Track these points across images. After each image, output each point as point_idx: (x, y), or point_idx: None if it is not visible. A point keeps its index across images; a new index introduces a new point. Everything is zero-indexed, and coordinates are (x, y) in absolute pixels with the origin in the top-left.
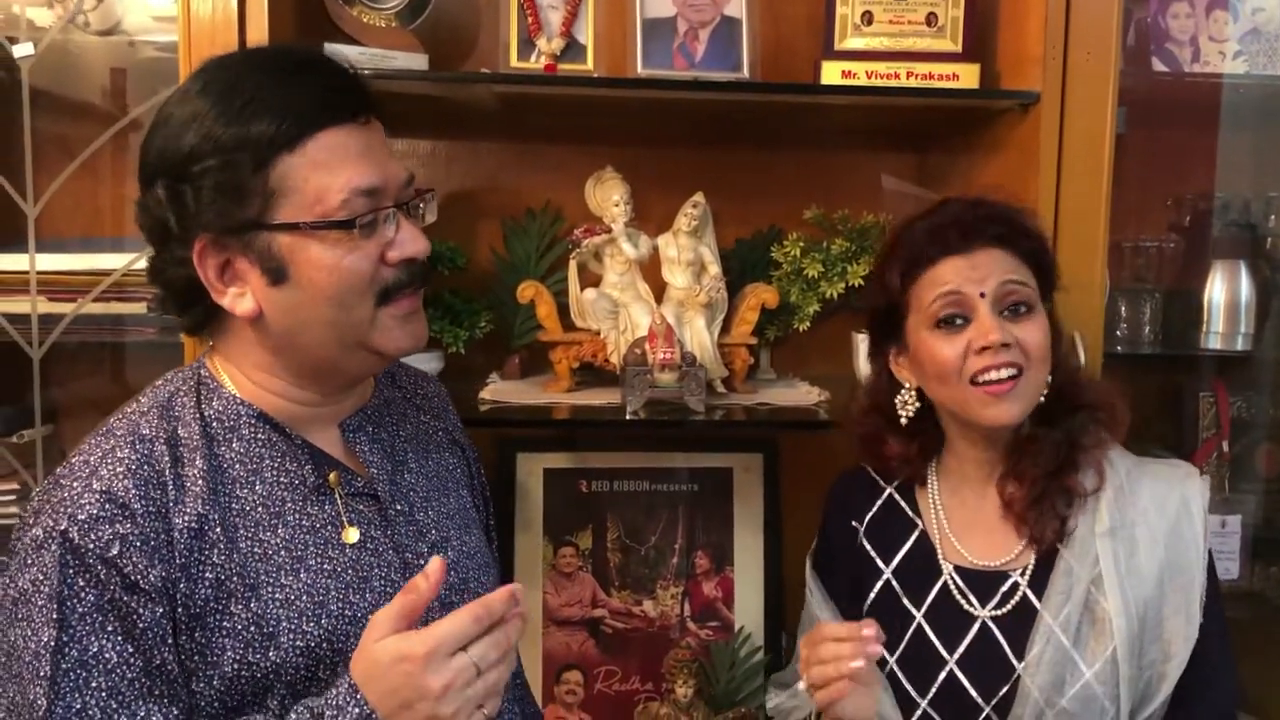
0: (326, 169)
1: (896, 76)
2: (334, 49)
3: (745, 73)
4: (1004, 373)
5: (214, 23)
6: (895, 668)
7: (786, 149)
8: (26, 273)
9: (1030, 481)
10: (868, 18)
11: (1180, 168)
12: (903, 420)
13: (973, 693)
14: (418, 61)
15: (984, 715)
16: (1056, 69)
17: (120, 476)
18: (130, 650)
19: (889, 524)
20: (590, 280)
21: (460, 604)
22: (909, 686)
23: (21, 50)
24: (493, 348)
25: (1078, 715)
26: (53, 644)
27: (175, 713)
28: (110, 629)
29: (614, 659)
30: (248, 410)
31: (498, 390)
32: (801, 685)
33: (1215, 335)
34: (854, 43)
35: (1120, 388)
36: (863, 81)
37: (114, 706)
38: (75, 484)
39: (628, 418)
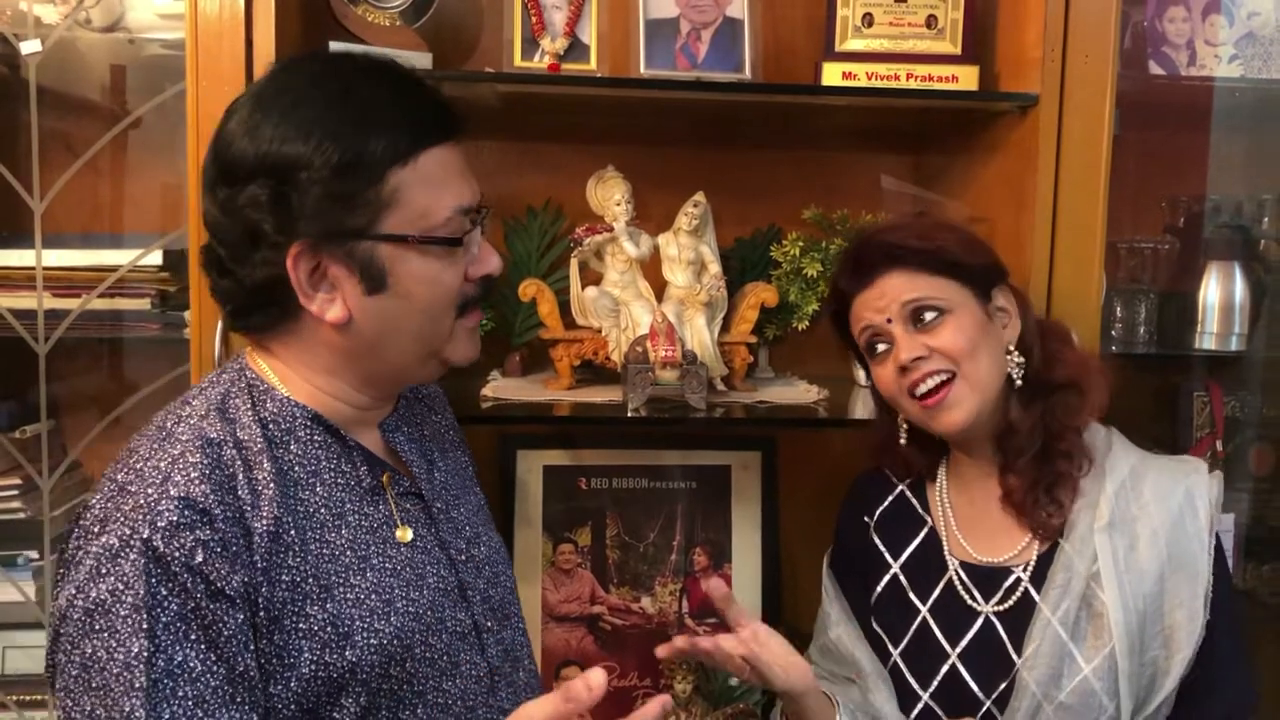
0: (434, 185)
1: (896, 78)
2: (339, 48)
3: (747, 73)
4: (931, 382)
5: (221, 20)
6: (898, 660)
7: (786, 149)
8: (30, 268)
9: (1020, 472)
10: (868, 20)
11: (1176, 170)
12: (901, 438)
13: (973, 687)
14: (422, 60)
15: (984, 710)
16: (1055, 72)
17: (196, 482)
18: (213, 658)
19: (899, 520)
20: (591, 278)
21: (496, 598)
22: (911, 679)
23: (29, 47)
24: (494, 345)
25: (1076, 710)
26: (145, 654)
27: (254, 719)
28: (194, 638)
29: (612, 655)
30: (303, 412)
31: (499, 387)
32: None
33: (1210, 336)
34: (854, 44)
35: (1098, 361)
36: (863, 83)
37: (200, 715)
38: (149, 490)
39: (629, 415)
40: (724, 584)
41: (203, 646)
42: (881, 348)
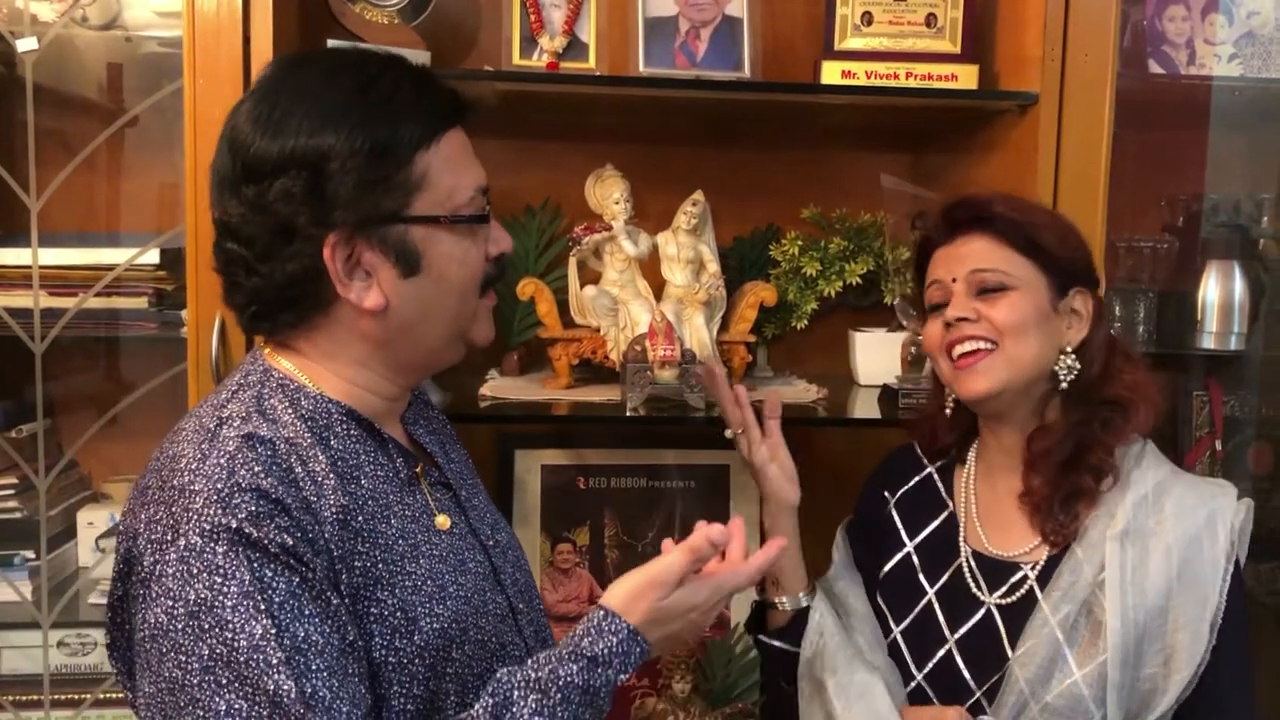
0: (455, 167)
1: (896, 77)
2: (337, 46)
3: (746, 72)
4: (969, 345)
5: (218, 18)
6: (899, 638)
7: (785, 148)
8: (27, 267)
9: (1044, 475)
10: (867, 18)
11: (1175, 169)
12: (947, 409)
13: (966, 675)
14: (420, 59)
15: (974, 699)
16: (1055, 70)
17: (260, 475)
18: (328, 630)
19: (921, 501)
20: (590, 277)
21: (522, 581)
22: (908, 658)
23: (25, 45)
24: (492, 344)
25: (1062, 713)
26: (271, 633)
27: (364, 691)
28: (308, 612)
29: None
30: (337, 408)
31: (497, 387)
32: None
33: (1209, 335)
34: (854, 43)
35: (1155, 389)
36: (862, 81)
37: (335, 685)
38: (218, 485)
39: (628, 414)
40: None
41: (318, 620)
42: (939, 307)
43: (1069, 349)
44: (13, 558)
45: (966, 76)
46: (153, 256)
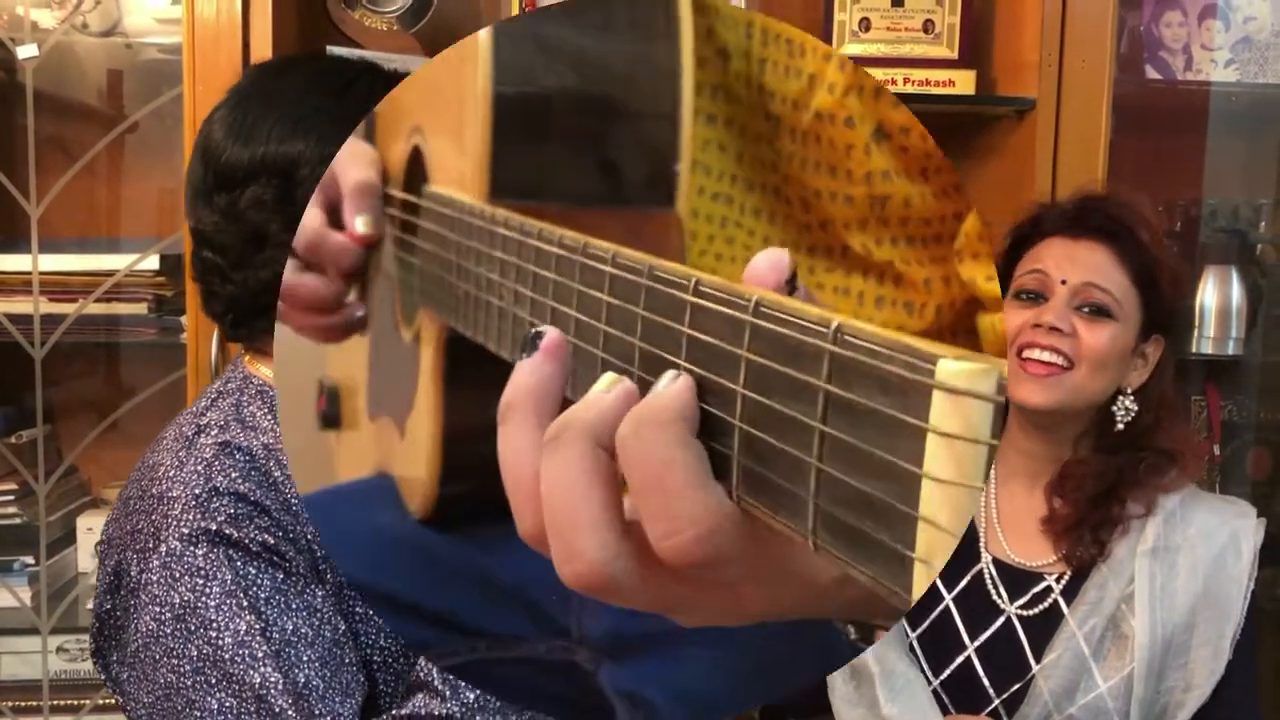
0: None
1: (893, 83)
2: (337, 53)
3: None
4: (1046, 355)
5: (218, 25)
6: (914, 643)
7: None
8: (27, 273)
9: (1071, 504)
10: (865, 24)
11: (1173, 174)
12: None
13: (985, 683)
14: (419, 65)
15: (992, 707)
16: (1052, 76)
17: (238, 481)
18: (317, 623)
19: None
20: None
21: None
22: (924, 665)
23: (25, 52)
24: None
25: None
26: (257, 628)
27: (361, 679)
28: (295, 606)
29: None
30: None
31: None
32: None
33: (1207, 340)
34: (851, 49)
35: (1197, 440)
36: None
37: (328, 675)
38: (195, 490)
39: None
40: None
41: (305, 614)
42: (1032, 296)
43: (1129, 390)
44: (12, 563)
45: (964, 82)
46: (152, 262)
